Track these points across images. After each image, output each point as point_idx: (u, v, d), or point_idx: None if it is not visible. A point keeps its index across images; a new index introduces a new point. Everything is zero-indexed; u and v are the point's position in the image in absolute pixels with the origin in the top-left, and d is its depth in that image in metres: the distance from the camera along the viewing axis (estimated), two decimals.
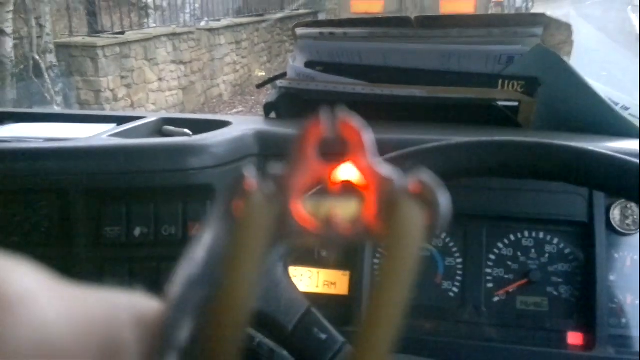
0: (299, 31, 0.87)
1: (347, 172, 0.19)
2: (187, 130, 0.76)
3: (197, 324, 0.19)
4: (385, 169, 0.19)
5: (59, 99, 4.54)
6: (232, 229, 0.18)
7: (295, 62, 0.88)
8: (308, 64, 0.88)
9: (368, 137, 0.19)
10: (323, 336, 0.45)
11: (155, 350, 0.18)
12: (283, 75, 0.89)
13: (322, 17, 7.04)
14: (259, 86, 0.98)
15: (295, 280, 0.69)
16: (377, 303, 0.18)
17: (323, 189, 0.19)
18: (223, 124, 0.76)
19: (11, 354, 0.16)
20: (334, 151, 0.19)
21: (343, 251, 0.67)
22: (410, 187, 0.18)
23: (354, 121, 0.19)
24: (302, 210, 0.19)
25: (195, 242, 0.20)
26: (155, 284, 0.63)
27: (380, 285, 0.18)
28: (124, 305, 0.19)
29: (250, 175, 0.19)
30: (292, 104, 0.87)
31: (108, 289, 0.20)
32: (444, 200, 0.18)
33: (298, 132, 0.19)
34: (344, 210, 0.19)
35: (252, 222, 0.18)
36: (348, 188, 0.19)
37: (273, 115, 0.90)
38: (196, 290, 0.19)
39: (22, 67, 4.56)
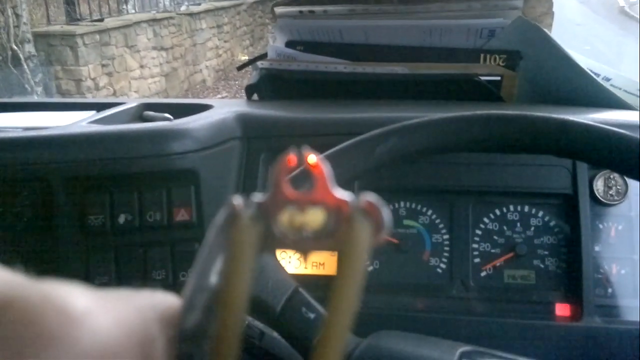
0: (278, 10, 0.86)
1: (313, 195, 0.24)
2: (168, 115, 0.75)
3: (206, 318, 0.24)
4: (342, 193, 0.24)
5: (39, 89, 4.47)
6: (227, 244, 0.24)
7: (275, 42, 0.87)
8: (288, 44, 0.87)
9: (327, 167, 0.25)
10: (312, 315, 0.45)
11: (175, 340, 0.24)
12: (264, 56, 0.88)
13: None
14: (240, 68, 0.97)
15: (283, 262, 0.69)
16: (335, 305, 0.23)
17: (295, 209, 0.24)
18: (204, 108, 0.75)
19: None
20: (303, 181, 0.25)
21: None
22: (362, 206, 0.24)
23: (316, 155, 0.24)
24: (280, 226, 0.25)
25: (198, 257, 0.26)
26: (142, 271, 0.63)
27: (337, 289, 0.23)
28: (149, 305, 0.24)
29: (238, 202, 0.24)
30: (274, 84, 0.86)
31: (130, 290, 0.24)
32: (387, 217, 0.24)
33: (273, 167, 0.25)
34: (311, 225, 0.24)
35: (242, 238, 0.24)
36: (314, 208, 0.24)
37: (255, 97, 0.89)
38: (203, 292, 0.25)
39: None
